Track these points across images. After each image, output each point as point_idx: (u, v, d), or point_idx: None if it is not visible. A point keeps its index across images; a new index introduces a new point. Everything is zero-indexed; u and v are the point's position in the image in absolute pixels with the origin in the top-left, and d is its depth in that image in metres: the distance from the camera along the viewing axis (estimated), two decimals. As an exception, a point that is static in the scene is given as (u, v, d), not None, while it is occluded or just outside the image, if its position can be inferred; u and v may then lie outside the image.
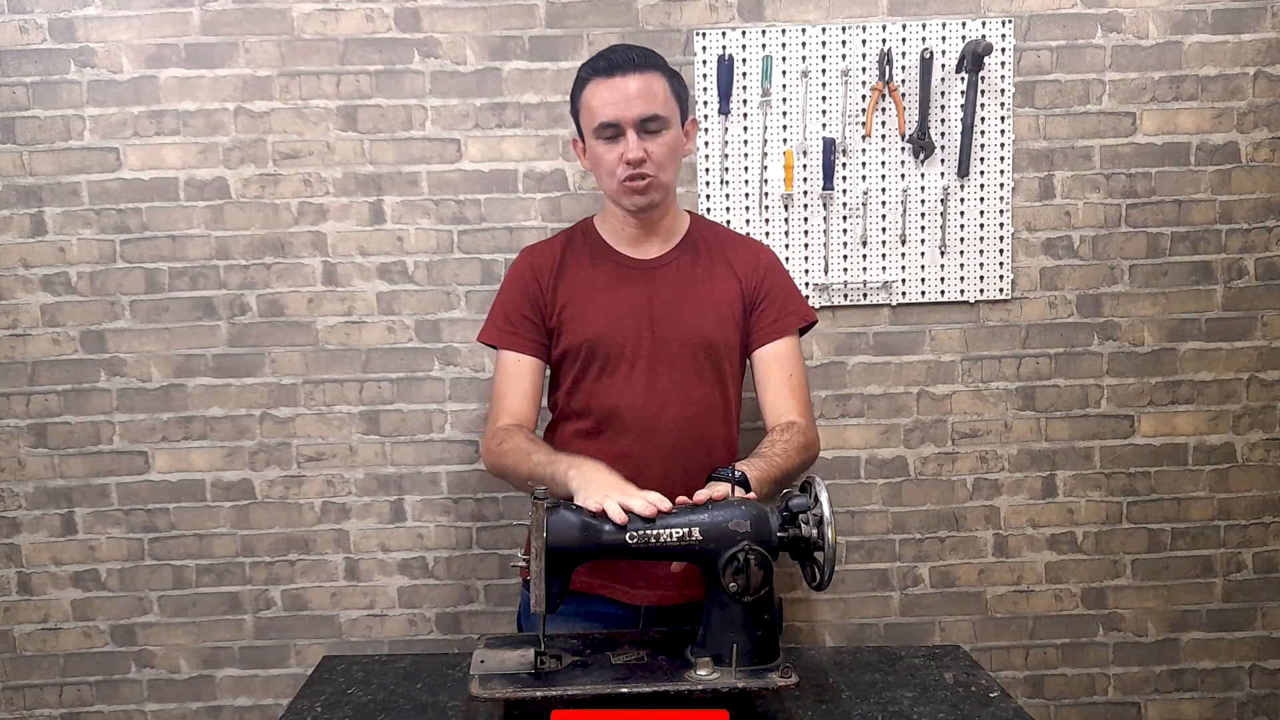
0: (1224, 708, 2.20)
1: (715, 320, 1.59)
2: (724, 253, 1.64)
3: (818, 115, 2.04)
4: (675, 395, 1.56)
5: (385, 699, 1.37)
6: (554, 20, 2.02)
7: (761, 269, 1.64)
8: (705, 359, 1.58)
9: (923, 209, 2.07)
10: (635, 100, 1.48)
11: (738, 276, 1.62)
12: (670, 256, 1.62)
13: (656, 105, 1.50)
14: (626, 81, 1.49)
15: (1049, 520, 2.16)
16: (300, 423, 2.10)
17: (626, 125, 1.49)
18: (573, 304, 1.60)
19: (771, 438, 1.54)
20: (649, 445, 1.55)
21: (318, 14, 2.01)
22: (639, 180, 1.51)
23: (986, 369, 2.12)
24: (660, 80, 1.52)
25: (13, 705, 2.13)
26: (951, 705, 1.31)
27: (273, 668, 2.14)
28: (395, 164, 2.05)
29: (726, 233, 1.72)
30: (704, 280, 1.61)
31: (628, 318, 1.57)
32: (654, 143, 1.51)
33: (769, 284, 1.63)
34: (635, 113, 1.48)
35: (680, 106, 1.56)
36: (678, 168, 1.58)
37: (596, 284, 1.61)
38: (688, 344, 1.57)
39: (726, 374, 1.61)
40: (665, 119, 1.51)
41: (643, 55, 1.52)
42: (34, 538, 2.10)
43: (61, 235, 2.04)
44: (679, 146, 1.56)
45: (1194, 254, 2.11)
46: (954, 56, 2.02)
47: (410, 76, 2.03)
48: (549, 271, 1.62)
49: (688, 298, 1.59)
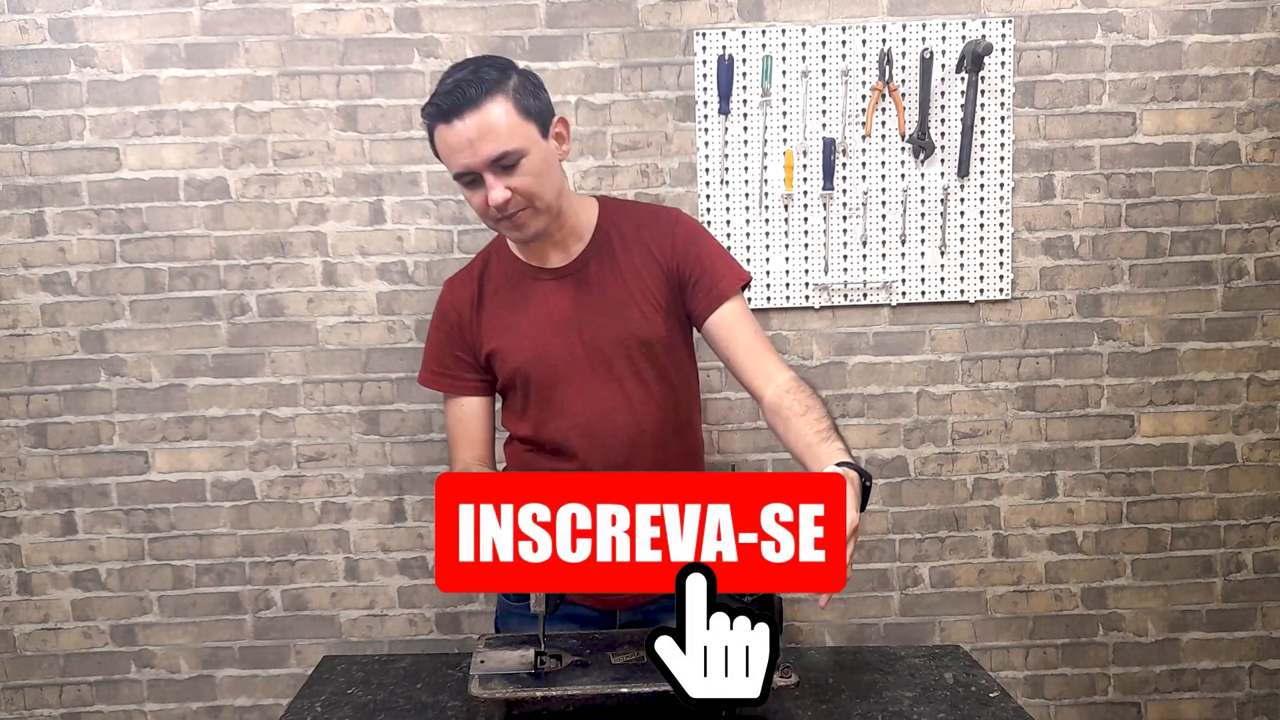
0: (1224, 708, 2.20)
1: (641, 314, 1.52)
2: (639, 236, 1.56)
3: (818, 115, 2.04)
4: (619, 403, 1.51)
5: (385, 699, 1.37)
6: (554, 20, 2.02)
7: (680, 243, 1.54)
8: (642, 358, 1.53)
9: (923, 209, 2.07)
10: (480, 143, 1.37)
11: (656, 259, 1.54)
12: (585, 258, 1.55)
13: (502, 141, 1.37)
14: (465, 126, 1.37)
15: (1049, 520, 2.16)
16: (300, 423, 2.10)
17: (480, 169, 1.40)
18: (498, 334, 1.55)
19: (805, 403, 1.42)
20: (603, 459, 1.51)
21: (318, 14, 2.01)
22: (511, 219, 1.44)
23: (986, 369, 2.12)
24: (501, 105, 1.38)
25: (13, 705, 2.13)
26: (951, 705, 1.31)
27: (273, 668, 2.14)
28: (395, 164, 2.05)
29: (637, 211, 1.60)
30: (622, 274, 1.54)
31: (554, 334, 1.52)
32: (514, 178, 1.40)
33: (692, 254, 1.54)
34: (482, 156, 1.38)
35: (535, 120, 1.42)
36: (555, 181, 1.46)
37: (516, 306, 1.55)
38: (621, 347, 1.52)
39: (667, 366, 1.55)
40: (518, 150, 1.39)
41: (475, 84, 1.37)
42: (34, 538, 2.10)
43: (61, 235, 2.04)
44: (546, 164, 1.44)
45: (1194, 254, 2.11)
46: (954, 56, 2.02)
47: (410, 76, 2.03)
48: (469, 304, 1.57)
49: (609, 298, 1.53)
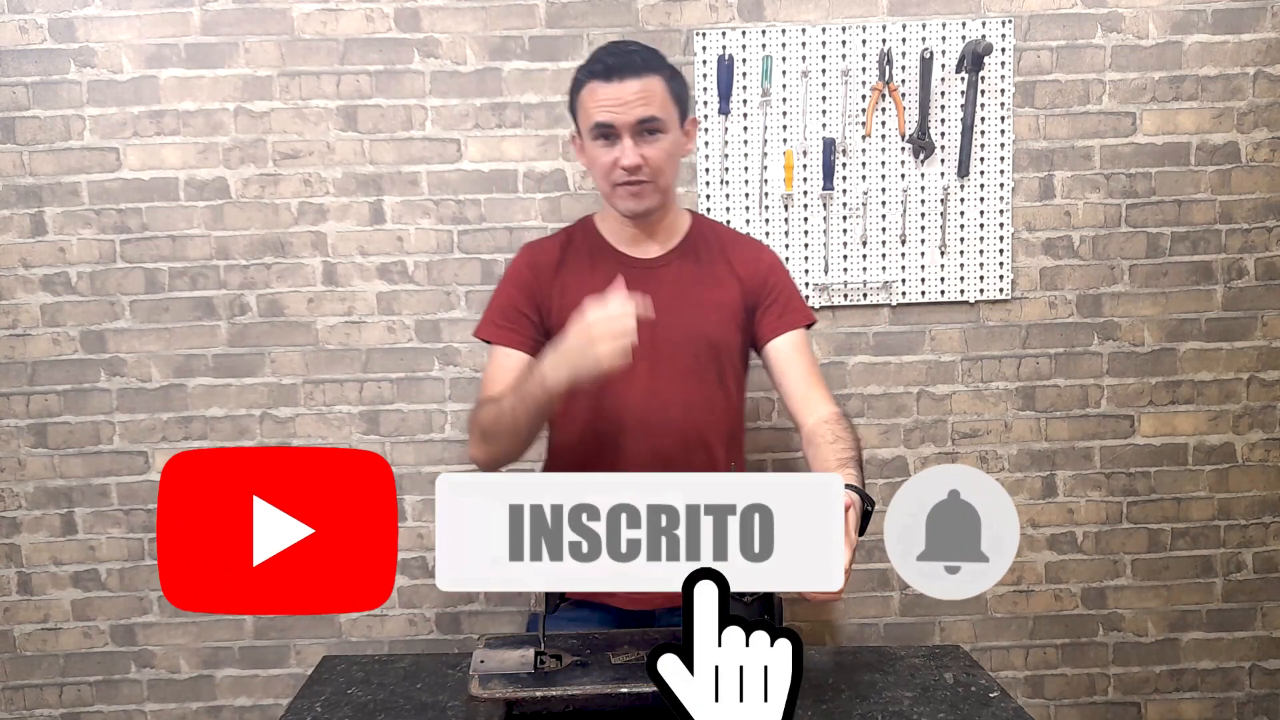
0: (1224, 708, 2.20)
1: (716, 319, 1.58)
2: (725, 253, 1.63)
3: (818, 115, 2.04)
4: (676, 397, 1.55)
5: (385, 699, 1.37)
6: (554, 20, 2.02)
7: (763, 269, 1.63)
8: (707, 358, 1.57)
9: (923, 209, 2.07)
10: (633, 103, 1.46)
11: (738, 277, 1.61)
12: (670, 257, 1.62)
13: (654, 108, 1.47)
14: (625, 86, 1.46)
15: (1049, 520, 2.16)
16: (300, 423, 2.10)
17: (622, 129, 1.47)
18: (571, 304, 1.58)
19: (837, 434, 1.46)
20: (650, 448, 1.54)
21: (318, 14, 2.01)
22: (634, 185, 1.50)
23: (986, 369, 2.12)
24: (659, 82, 1.49)
25: (13, 705, 2.13)
26: (951, 705, 1.31)
27: (273, 668, 2.14)
28: (395, 164, 2.05)
29: (727, 233, 1.71)
30: (705, 281, 1.60)
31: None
32: (651, 146, 1.48)
33: (771, 282, 1.62)
34: (632, 116, 1.46)
35: (680, 107, 1.54)
36: (676, 170, 1.56)
37: (596, 284, 1.58)
38: (689, 344, 1.56)
39: (728, 374, 1.60)
40: (663, 121, 1.49)
41: (642, 58, 1.49)
42: (34, 538, 2.10)
43: (61, 235, 2.04)
44: (677, 149, 1.54)
45: (1194, 254, 2.11)
46: (954, 56, 2.03)
47: (410, 76, 2.03)
48: (549, 269, 1.61)
49: (688, 298, 1.58)
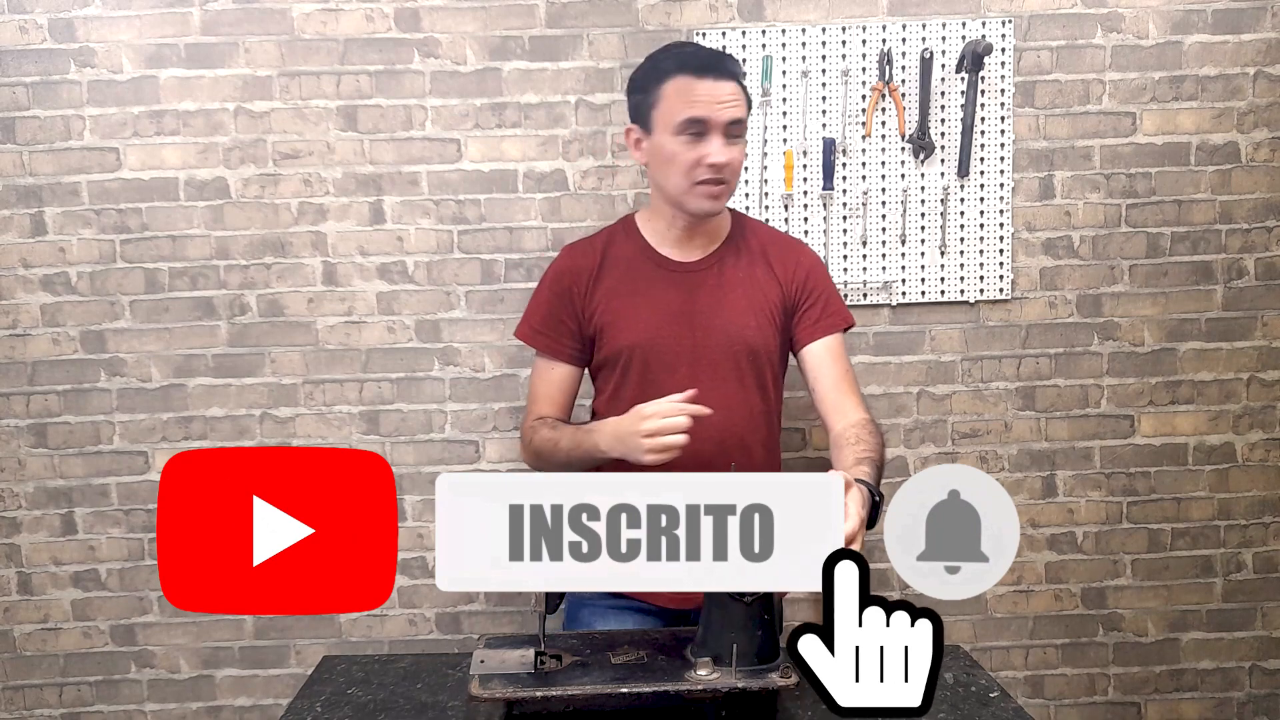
0: (1224, 708, 2.20)
1: (756, 324, 1.58)
2: (765, 254, 1.63)
3: (818, 115, 2.04)
4: (717, 401, 1.52)
5: (385, 699, 1.37)
6: (554, 20, 2.02)
7: (804, 271, 1.63)
8: (747, 363, 1.58)
9: (923, 209, 2.07)
10: (728, 103, 1.47)
11: (778, 279, 1.61)
12: (712, 259, 1.61)
13: (743, 112, 1.50)
14: (721, 85, 1.47)
15: (1049, 520, 2.16)
16: (300, 423, 2.09)
17: (715, 127, 1.47)
18: (612, 310, 1.58)
19: (860, 436, 1.51)
20: (690, 452, 1.50)
21: (318, 14, 2.01)
22: (716, 185, 1.50)
23: (986, 369, 2.12)
24: (742, 89, 1.51)
25: (13, 705, 2.13)
26: (951, 705, 1.31)
27: (273, 668, 2.14)
28: (395, 164, 2.05)
29: (768, 232, 1.70)
30: (745, 283, 1.60)
31: (669, 323, 1.56)
32: (735, 150, 1.50)
33: (811, 284, 1.62)
34: (726, 116, 1.47)
35: (748, 115, 1.56)
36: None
37: (637, 288, 1.59)
38: (729, 348, 1.57)
39: (768, 378, 1.61)
40: (744, 127, 1.52)
41: (731, 61, 1.52)
42: (34, 538, 2.10)
43: (61, 235, 2.04)
44: (744, 155, 1.57)
45: (1194, 254, 2.11)
46: (954, 56, 2.02)
47: (410, 76, 2.03)
48: (588, 274, 1.61)
49: (729, 301, 1.58)
